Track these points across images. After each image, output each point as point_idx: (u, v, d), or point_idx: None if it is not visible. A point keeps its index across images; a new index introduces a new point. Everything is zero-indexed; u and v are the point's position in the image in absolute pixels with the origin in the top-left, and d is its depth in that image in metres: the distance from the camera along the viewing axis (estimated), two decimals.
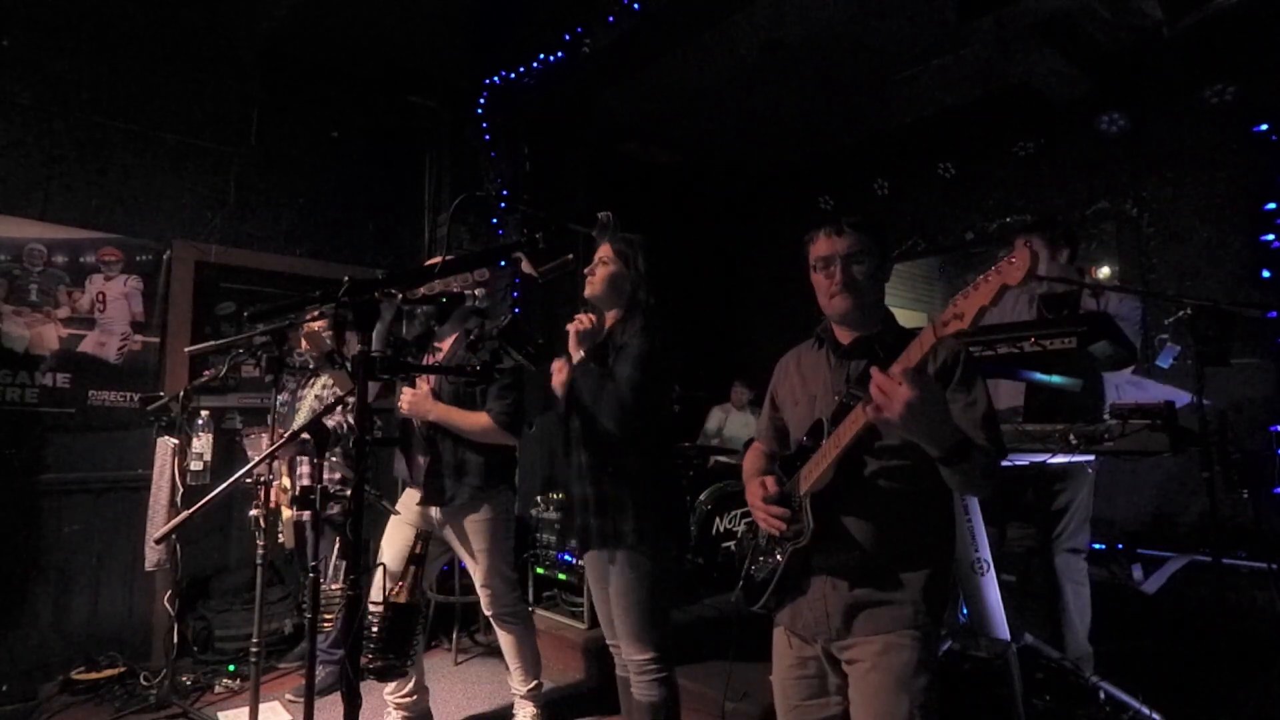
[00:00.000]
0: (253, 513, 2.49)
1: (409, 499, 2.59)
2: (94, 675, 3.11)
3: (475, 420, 2.42)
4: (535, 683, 2.61)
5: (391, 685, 2.54)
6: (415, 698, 2.59)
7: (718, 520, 3.88)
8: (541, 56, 3.98)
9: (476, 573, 2.53)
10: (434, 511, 2.52)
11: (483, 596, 2.56)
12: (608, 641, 2.13)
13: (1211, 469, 2.21)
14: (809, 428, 1.51)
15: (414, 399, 2.46)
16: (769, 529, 1.51)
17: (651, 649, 1.96)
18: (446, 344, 2.58)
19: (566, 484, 2.13)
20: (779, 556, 1.49)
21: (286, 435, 2.13)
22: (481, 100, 4.41)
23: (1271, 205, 3.46)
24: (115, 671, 3.15)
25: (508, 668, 2.64)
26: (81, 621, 3.30)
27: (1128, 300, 2.76)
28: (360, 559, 1.34)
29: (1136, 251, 3.98)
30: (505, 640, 2.59)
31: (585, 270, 2.09)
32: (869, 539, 1.42)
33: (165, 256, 3.60)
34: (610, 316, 2.09)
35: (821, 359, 1.60)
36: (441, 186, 4.53)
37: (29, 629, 3.17)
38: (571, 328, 2.02)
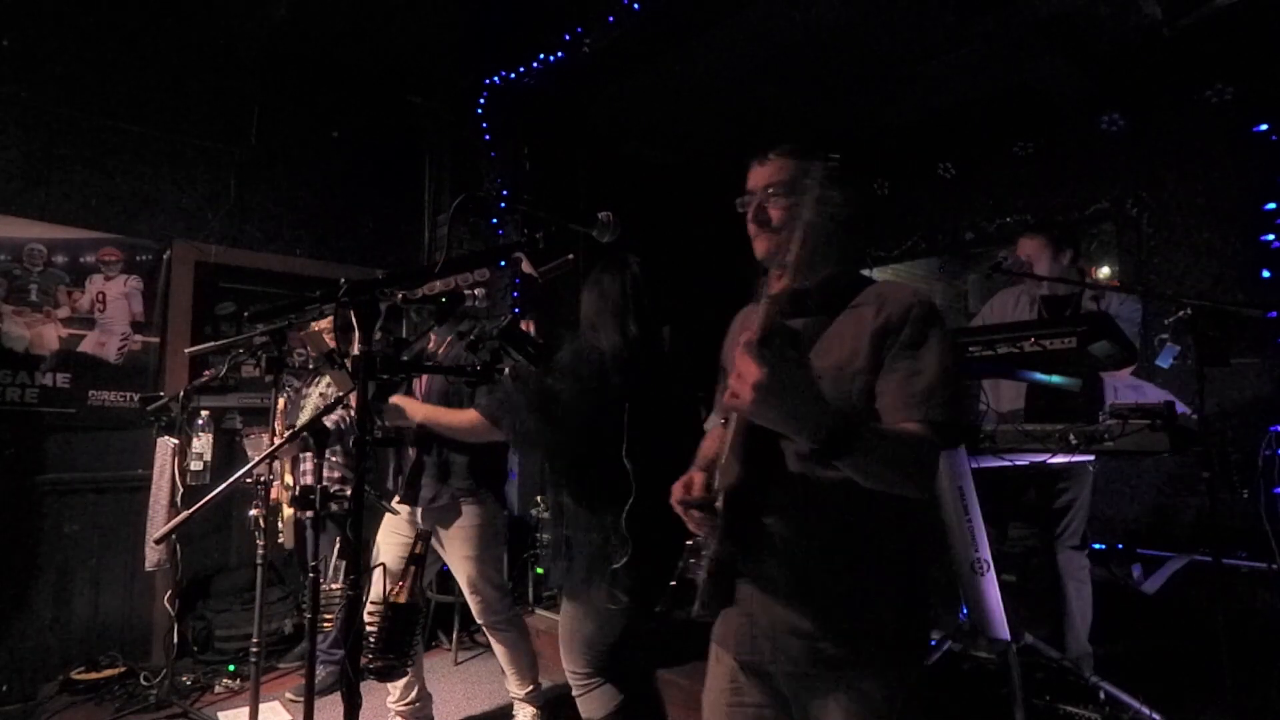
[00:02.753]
0: (253, 513, 2.49)
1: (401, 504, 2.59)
2: (94, 675, 3.12)
3: (463, 417, 2.36)
4: (532, 686, 2.59)
5: (395, 694, 2.54)
6: (418, 704, 2.58)
7: None
8: (541, 56, 3.98)
9: (461, 580, 2.50)
10: (419, 515, 2.50)
11: (473, 604, 2.52)
12: None
13: (1212, 469, 2.21)
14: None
15: (398, 402, 2.43)
16: (694, 531, 1.24)
17: (583, 665, 1.96)
18: (441, 348, 2.57)
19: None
20: (705, 562, 1.24)
21: (287, 434, 2.13)
22: (481, 100, 4.41)
23: (1271, 205, 3.46)
24: (115, 671, 3.15)
25: (503, 672, 2.64)
26: (81, 621, 3.30)
27: (1129, 301, 2.76)
28: (360, 559, 1.34)
29: (1136, 251, 3.97)
30: (499, 647, 2.57)
31: None
32: (800, 547, 1.15)
33: (165, 256, 3.60)
34: None
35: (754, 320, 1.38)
36: (441, 186, 4.53)
37: (29, 629, 3.17)
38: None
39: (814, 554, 1.16)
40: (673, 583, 1.31)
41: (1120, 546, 3.59)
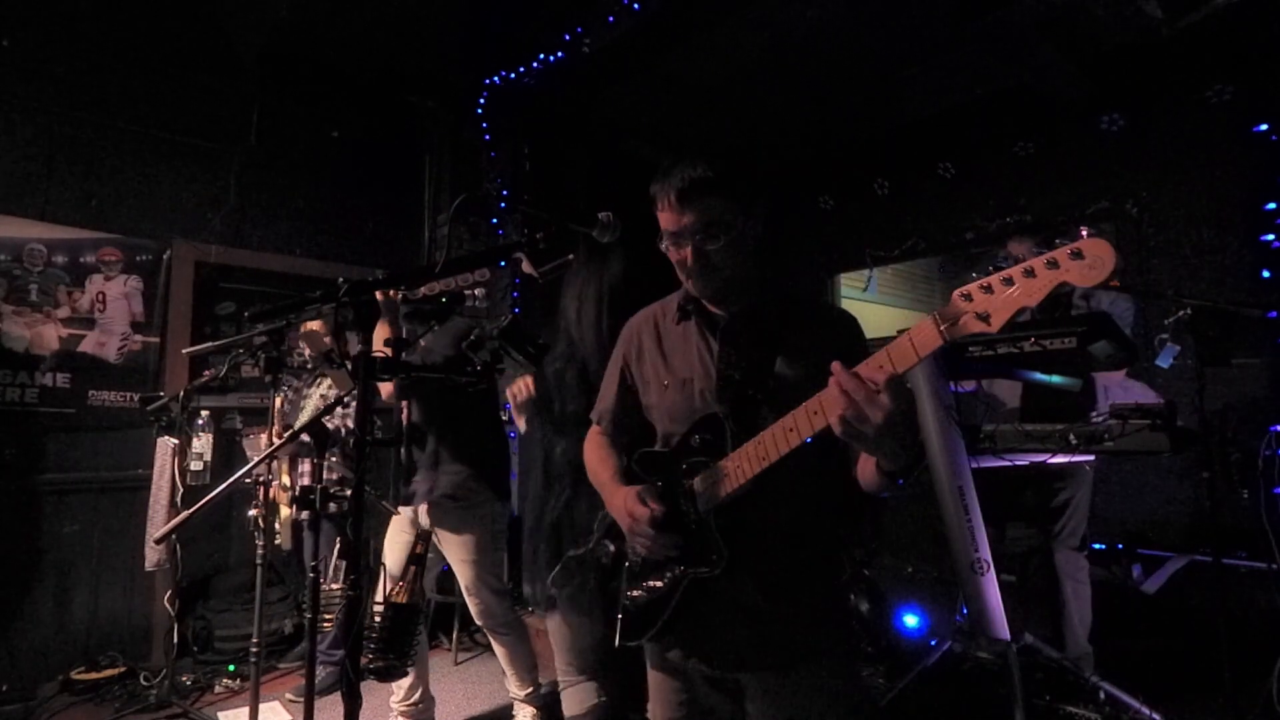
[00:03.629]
0: (252, 513, 2.49)
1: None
2: (94, 675, 3.12)
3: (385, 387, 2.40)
4: (532, 687, 2.60)
5: (400, 693, 2.54)
6: (421, 706, 2.58)
7: None
8: (541, 56, 3.98)
9: (464, 584, 2.52)
10: (422, 517, 2.50)
11: (472, 607, 2.53)
12: None
13: (1212, 469, 2.22)
14: (695, 422, 1.25)
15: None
16: (650, 553, 1.26)
17: (567, 667, 1.99)
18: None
19: None
20: (664, 584, 1.26)
21: (287, 435, 2.13)
22: (481, 100, 4.41)
23: (1271, 205, 3.46)
24: (115, 671, 3.15)
25: (503, 672, 2.64)
26: (81, 621, 3.30)
27: (1120, 300, 2.76)
28: (360, 559, 1.34)
29: (1136, 251, 3.97)
30: (498, 649, 2.58)
31: None
32: (783, 555, 1.23)
33: (165, 256, 3.60)
34: None
35: (690, 334, 1.34)
36: (441, 186, 4.53)
37: (29, 629, 3.17)
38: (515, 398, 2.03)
39: (793, 558, 1.24)
40: (619, 615, 1.33)
41: (1120, 546, 3.59)
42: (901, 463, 1.04)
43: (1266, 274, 3.47)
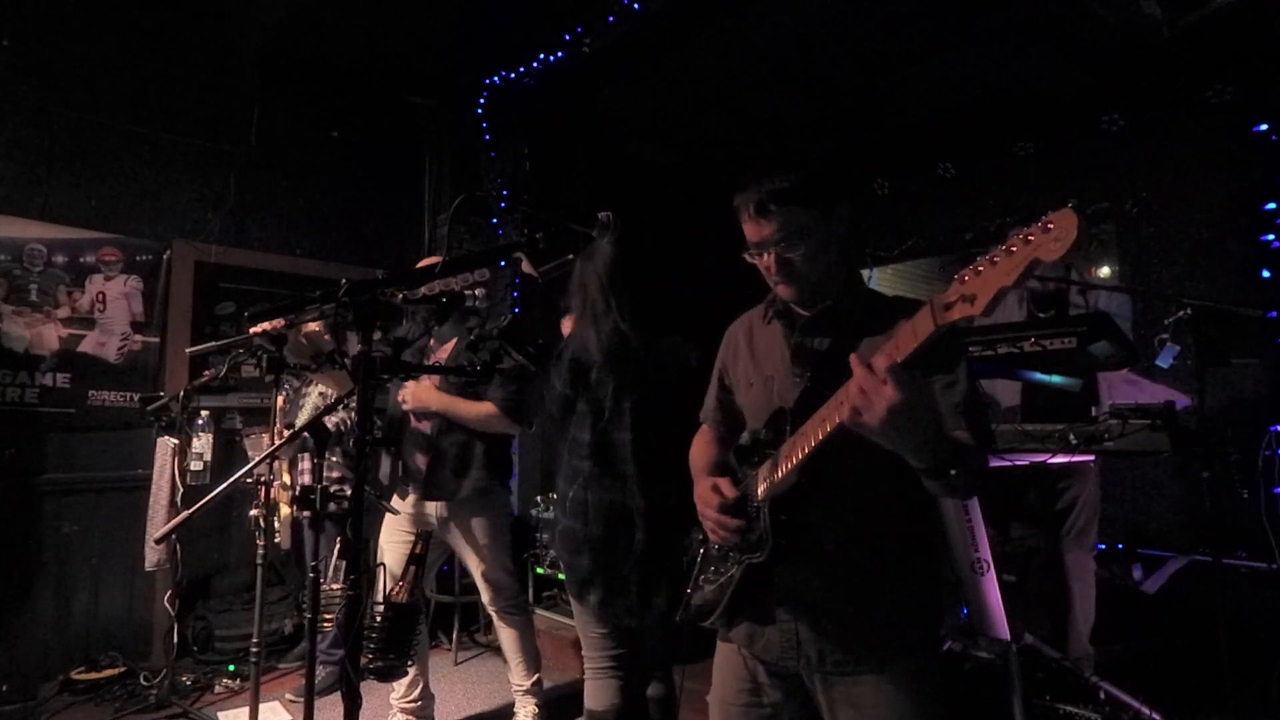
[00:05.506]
0: (253, 513, 2.49)
1: (403, 501, 2.59)
2: (94, 675, 3.12)
3: (480, 409, 2.43)
4: (536, 677, 2.62)
5: (400, 690, 2.55)
6: (421, 703, 2.59)
7: None
8: (541, 56, 3.98)
9: (479, 569, 2.54)
10: (431, 510, 2.51)
11: (484, 592, 2.57)
12: None
13: (1212, 469, 2.21)
14: (768, 417, 1.29)
15: (416, 391, 2.47)
16: (719, 540, 1.30)
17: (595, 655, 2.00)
18: (448, 348, 2.58)
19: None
20: (734, 569, 1.28)
21: (288, 434, 2.13)
22: (481, 100, 4.41)
23: (1271, 205, 3.46)
24: (115, 671, 3.15)
25: (508, 664, 2.65)
26: (81, 621, 3.30)
27: (1116, 298, 2.76)
28: (360, 559, 1.34)
29: (1136, 251, 3.97)
30: (507, 635, 2.60)
31: None
32: (844, 552, 1.23)
33: (165, 256, 3.60)
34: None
35: (775, 334, 1.38)
36: (441, 186, 4.53)
37: (29, 629, 3.17)
38: None
39: (858, 557, 1.23)
40: (689, 590, 1.38)
41: (1120, 546, 3.59)
42: (926, 459, 1.02)
43: (1266, 274, 3.47)
